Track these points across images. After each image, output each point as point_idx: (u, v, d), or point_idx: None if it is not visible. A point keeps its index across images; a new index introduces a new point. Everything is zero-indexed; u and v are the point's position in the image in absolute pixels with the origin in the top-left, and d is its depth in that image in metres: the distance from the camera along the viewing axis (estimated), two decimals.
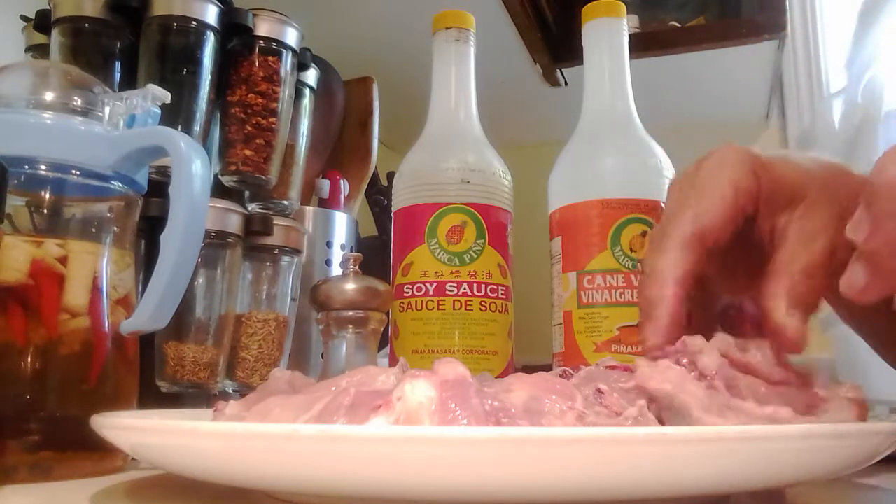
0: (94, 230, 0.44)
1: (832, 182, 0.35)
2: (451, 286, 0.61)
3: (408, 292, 0.62)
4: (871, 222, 0.29)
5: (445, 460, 0.22)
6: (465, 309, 0.61)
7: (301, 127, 0.78)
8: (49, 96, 0.43)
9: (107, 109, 0.44)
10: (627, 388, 0.29)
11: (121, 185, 0.45)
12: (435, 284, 0.61)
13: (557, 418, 0.26)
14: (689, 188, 0.35)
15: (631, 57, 0.66)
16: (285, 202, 0.75)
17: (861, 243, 0.29)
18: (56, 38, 0.64)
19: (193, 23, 0.64)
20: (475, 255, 0.62)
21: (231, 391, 0.67)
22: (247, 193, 0.72)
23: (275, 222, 0.69)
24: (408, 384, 0.26)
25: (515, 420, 0.26)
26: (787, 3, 1.12)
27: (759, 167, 0.35)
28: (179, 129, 0.58)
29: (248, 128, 0.68)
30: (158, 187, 0.49)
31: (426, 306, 0.61)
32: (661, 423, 0.29)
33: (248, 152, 0.68)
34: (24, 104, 0.42)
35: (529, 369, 0.35)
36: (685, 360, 0.31)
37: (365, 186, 0.96)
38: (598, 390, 0.28)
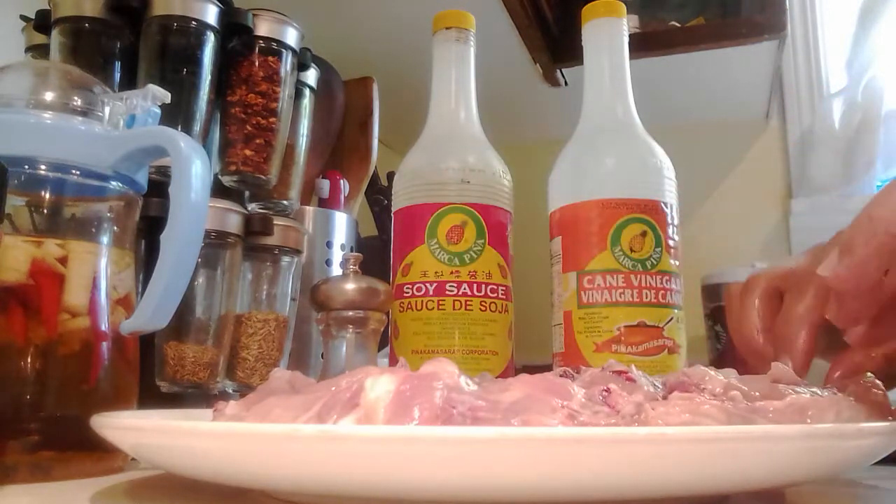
0: (93, 230, 0.44)
1: None
2: (451, 286, 0.61)
3: (408, 292, 0.62)
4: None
5: (446, 460, 0.22)
6: (465, 309, 0.61)
7: (301, 127, 0.78)
8: (49, 96, 0.43)
9: (107, 109, 0.44)
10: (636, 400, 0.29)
11: (121, 185, 0.45)
12: (435, 284, 0.61)
13: (546, 417, 0.26)
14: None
15: (631, 57, 0.66)
16: (285, 202, 0.75)
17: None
18: (56, 38, 0.64)
19: (193, 23, 0.64)
20: (475, 255, 0.62)
21: (231, 391, 0.67)
22: (247, 193, 0.72)
23: (275, 222, 0.69)
24: (369, 379, 0.26)
25: (491, 418, 0.25)
26: (787, 3, 1.12)
27: None
28: (179, 129, 0.58)
29: (248, 128, 0.68)
30: (158, 187, 0.49)
31: (426, 306, 0.61)
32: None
33: (248, 152, 0.68)
34: (24, 104, 0.42)
35: (530, 369, 0.35)
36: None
37: (365, 186, 0.96)
38: (607, 389, 0.28)
